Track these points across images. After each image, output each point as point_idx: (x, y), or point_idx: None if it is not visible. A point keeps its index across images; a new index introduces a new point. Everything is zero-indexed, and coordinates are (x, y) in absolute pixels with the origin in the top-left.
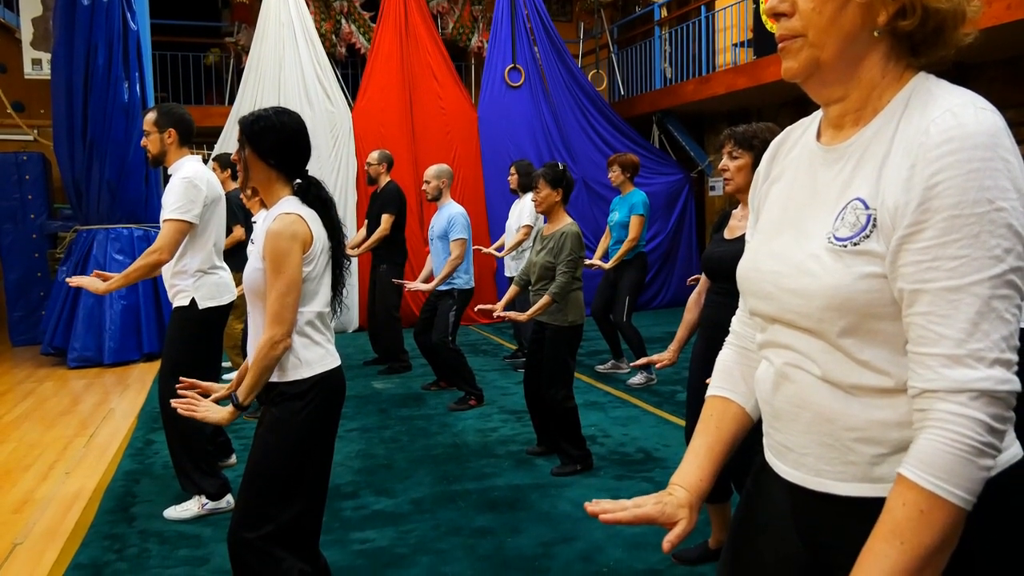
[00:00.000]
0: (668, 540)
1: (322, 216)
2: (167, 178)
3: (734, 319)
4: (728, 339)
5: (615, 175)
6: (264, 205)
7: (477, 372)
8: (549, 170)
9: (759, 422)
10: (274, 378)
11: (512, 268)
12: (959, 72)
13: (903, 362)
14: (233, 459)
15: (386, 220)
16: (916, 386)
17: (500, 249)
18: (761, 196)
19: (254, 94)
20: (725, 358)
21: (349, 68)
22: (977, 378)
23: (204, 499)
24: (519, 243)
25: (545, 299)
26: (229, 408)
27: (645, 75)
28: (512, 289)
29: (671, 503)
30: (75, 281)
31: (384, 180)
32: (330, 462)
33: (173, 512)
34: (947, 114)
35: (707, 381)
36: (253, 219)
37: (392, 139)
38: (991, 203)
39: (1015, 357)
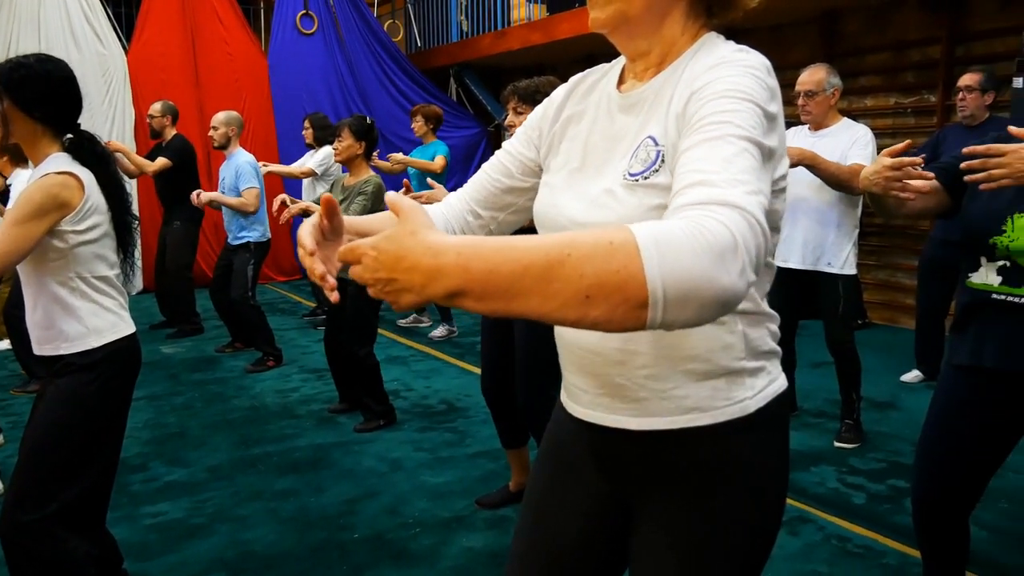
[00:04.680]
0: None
1: (100, 174)
2: None
3: (452, 197)
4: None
5: (418, 125)
6: (14, 164)
7: (275, 331)
8: (356, 121)
9: (559, 369)
10: (60, 350)
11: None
12: (732, 36)
13: None
14: (0, 438)
15: (161, 162)
16: (669, 213)
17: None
18: (556, 132)
19: (8, 33)
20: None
21: (122, 6)
22: (727, 193)
23: None
24: (288, 174)
25: None
26: None
27: (442, 27)
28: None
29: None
30: None
31: (170, 133)
32: (122, 436)
33: None
34: (723, 52)
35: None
36: (8, 181)
37: (174, 87)
38: (751, 96)
39: (766, 203)
